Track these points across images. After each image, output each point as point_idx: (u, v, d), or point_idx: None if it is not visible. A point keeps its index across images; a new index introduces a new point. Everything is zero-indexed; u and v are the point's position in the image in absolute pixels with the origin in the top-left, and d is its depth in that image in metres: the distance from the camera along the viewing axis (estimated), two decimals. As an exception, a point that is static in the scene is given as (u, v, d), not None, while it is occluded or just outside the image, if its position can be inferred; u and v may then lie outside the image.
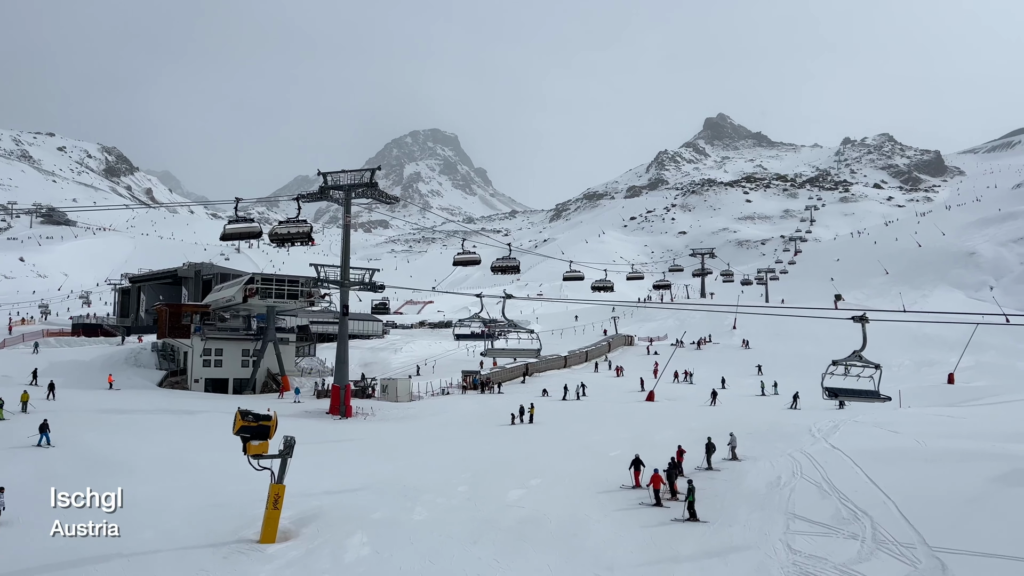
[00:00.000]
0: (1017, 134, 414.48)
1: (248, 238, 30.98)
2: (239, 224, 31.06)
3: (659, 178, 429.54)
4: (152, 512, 18.34)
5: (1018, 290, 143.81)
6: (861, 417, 31.68)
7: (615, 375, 60.94)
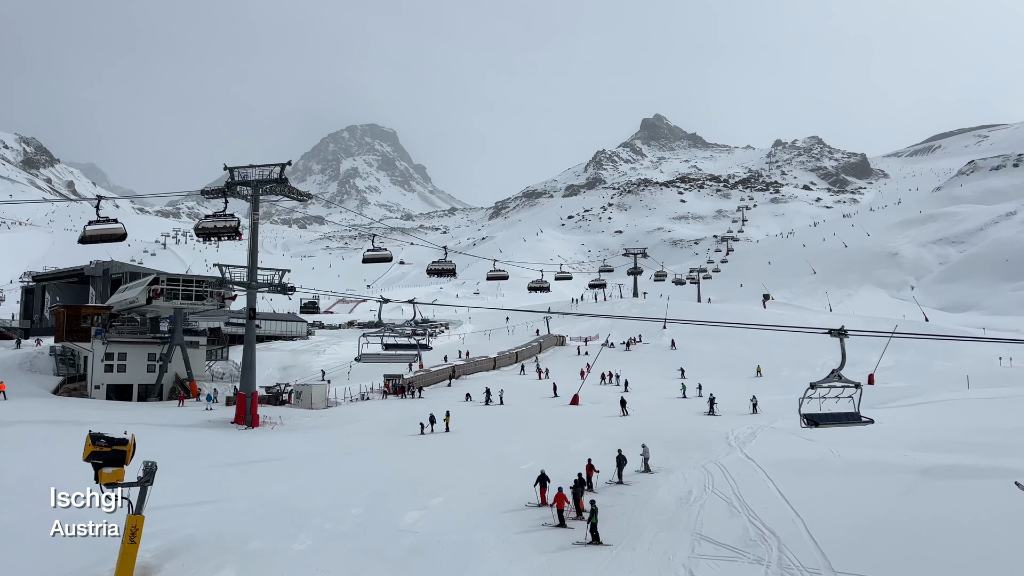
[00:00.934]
0: (937, 139, 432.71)
1: (111, 240, 28.38)
2: (101, 225, 28.25)
3: (597, 177, 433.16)
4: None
5: (937, 290, 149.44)
6: (779, 423, 31.18)
7: (537, 378, 59.45)
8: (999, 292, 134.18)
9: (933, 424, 30.10)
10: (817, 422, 14.89)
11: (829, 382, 14.70)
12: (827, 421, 14.89)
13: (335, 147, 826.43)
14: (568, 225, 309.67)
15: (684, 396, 45.93)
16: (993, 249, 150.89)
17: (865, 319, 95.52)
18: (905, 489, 18.97)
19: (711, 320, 75.18)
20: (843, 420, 15.18)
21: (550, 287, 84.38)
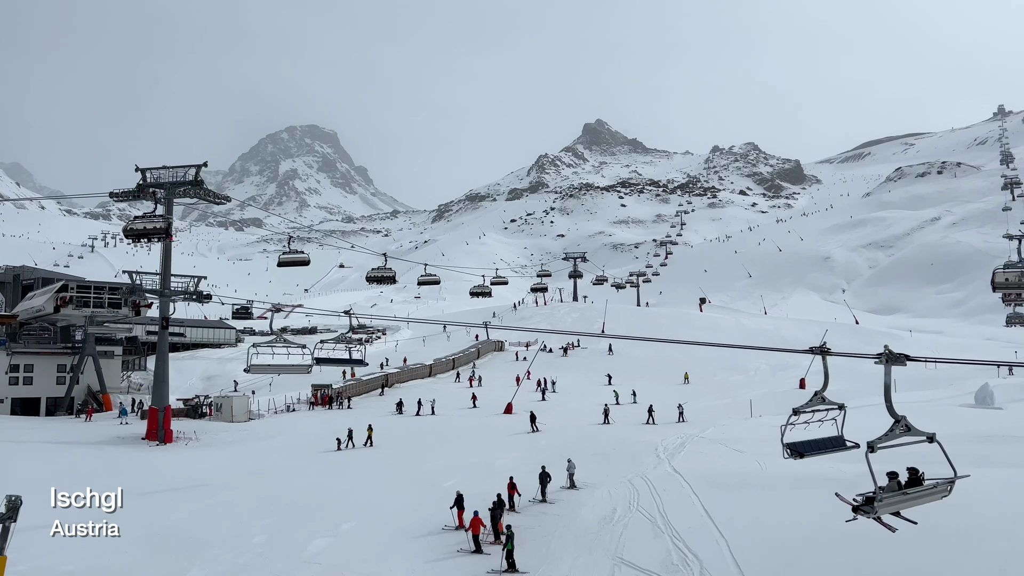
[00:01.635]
0: (867, 146, 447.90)
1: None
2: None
3: (540, 181, 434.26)
4: None
5: (867, 293, 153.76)
6: (709, 432, 30.75)
7: (468, 386, 57.94)
8: (924, 295, 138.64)
9: (860, 433, 29.95)
10: (802, 452, 13.05)
11: (812, 406, 12.87)
12: (812, 450, 13.23)
13: (274, 148, 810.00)
14: (511, 229, 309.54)
15: (617, 403, 45.29)
16: (919, 253, 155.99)
17: (799, 322, 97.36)
18: (832, 504, 18.47)
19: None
20: (828, 447, 13.23)
21: (492, 292, 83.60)
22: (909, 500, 10.48)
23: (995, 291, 41.54)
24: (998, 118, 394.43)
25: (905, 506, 10.69)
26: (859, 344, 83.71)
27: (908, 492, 10.39)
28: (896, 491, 10.51)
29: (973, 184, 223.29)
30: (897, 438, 10.10)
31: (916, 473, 11.42)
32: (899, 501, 10.45)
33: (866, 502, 9.90)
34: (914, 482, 11.02)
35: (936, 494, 10.46)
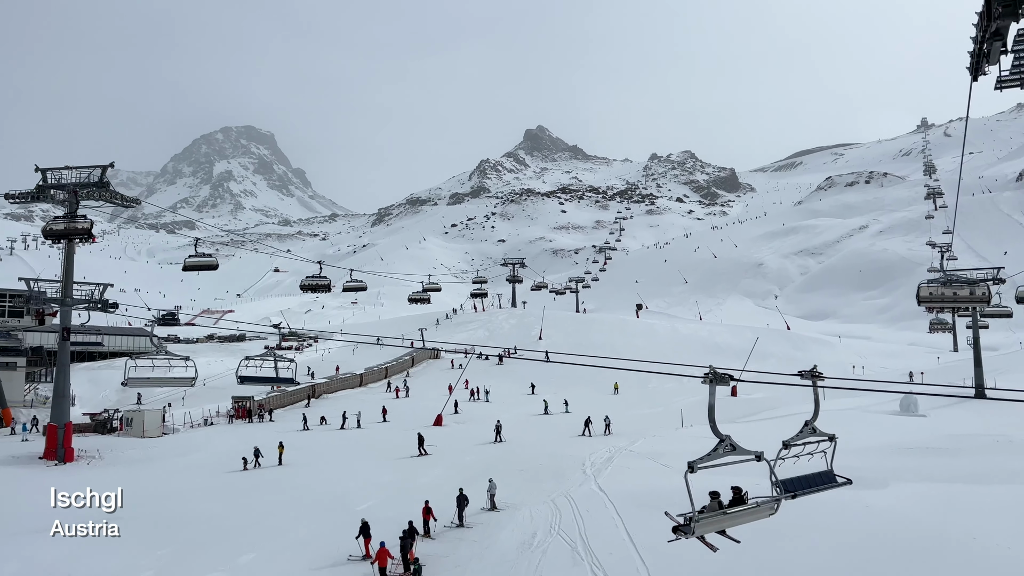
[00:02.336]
0: (800, 155, 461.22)
1: None
2: None
3: (481, 186, 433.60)
4: None
5: (798, 298, 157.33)
6: (638, 445, 30.04)
7: (395, 396, 56.02)
8: (853, 301, 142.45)
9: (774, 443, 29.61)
10: (795, 490, 11.79)
11: (803, 438, 11.70)
12: (805, 487, 11.98)
13: (208, 149, 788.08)
14: (452, 233, 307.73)
15: (546, 412, 44.14)
16: (848, 260, 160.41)
17: (732, 328, 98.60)
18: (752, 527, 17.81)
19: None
20: (820, 484, 11.84)
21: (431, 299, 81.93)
22: (729, 519, 10.11)
23: (920, 304, 42.68)
24: (922, 130, 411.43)
25: (726, 525, 10.33)
26: (790, 349, 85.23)
27: (728, 512, 9.96)
28: (716, 511, 10.17)
29: (898, 194, 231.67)
30: (720, 457, 9.84)
31: (739, 492, 11.31)
32: (718, 521, 10.05)
33: (685, 523, 9.39)
34: (737, 501, 10.76)
35: (760, 513, 10.17)
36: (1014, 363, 71.98)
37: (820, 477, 12.37)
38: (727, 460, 9.84)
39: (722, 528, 10.40)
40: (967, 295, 38.29)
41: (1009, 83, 10.16)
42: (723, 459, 9.78)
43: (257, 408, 47.08)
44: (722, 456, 9.64)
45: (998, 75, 10.12)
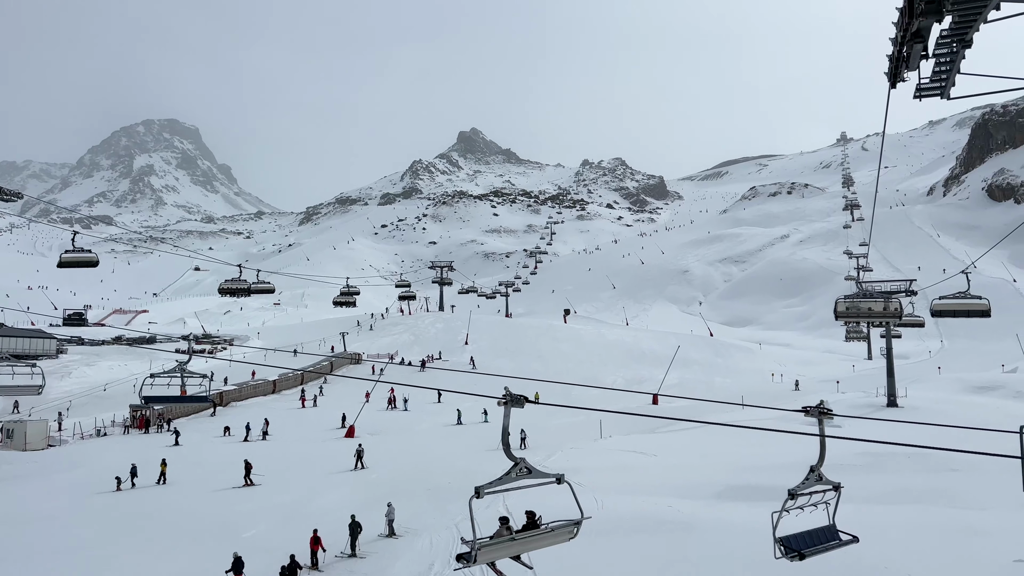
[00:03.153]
0: (725, 165, 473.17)
1: None
2: None
3: (413, 187, 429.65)
4: None
5: (721, 305, 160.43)
6: (552, 460, 28.93)
7: (300, 405, 53.14)
8: (774, 308, 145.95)
9: (702, 462, 29.06)
10: (802, 550, 10.21)
11: (809, 487, 10.01)
12: (811, 545, 10.39)
13: (128, 142, 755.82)
14: (382, 234, 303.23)
15: (459, 422, 42.44)
16: (769, 269, 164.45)
17: (657, 334, 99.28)
18: (663, 563, 16.88)
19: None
20: (826, 541, 10.39)
21: (356, 302, 79.26)
22: (519, 545, 9.30)
23: (837, 319, 44.74)
24: (841, 144, 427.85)
25: (516, 551, 9.53)
26: (712, 356, 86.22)
27: (516, 538, 9.17)
28: (504, 537, 9.42)
29: (818, 204, 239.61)
30: (512, 481, 8.77)
31: (533, 516, 10.94)
32: (505, 547, 9.19)
33: (469, 551, 8.46)
34: (530, 526, 10.14)
35: (558, 537, 9.33)
36: (924, 372, 74.50)
37: (823, 534, 10.74)
38: (521, 484, 8.83)
39: (513, 554, 9.62)
40: (881, 310, 40.39)
41: (929, 91, 9.36)
42: (517, 483, 8.78)
43: (156, 418, 44.13)
44: (515, 480, 8.66)
45: (918, 82, 9.30)
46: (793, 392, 59.11)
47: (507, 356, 79.74)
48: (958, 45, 8.49)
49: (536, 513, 11.00)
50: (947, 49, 8.62)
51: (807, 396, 56.05)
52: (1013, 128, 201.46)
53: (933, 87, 9.22)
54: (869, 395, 55.11)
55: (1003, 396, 53.19)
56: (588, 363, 77.01)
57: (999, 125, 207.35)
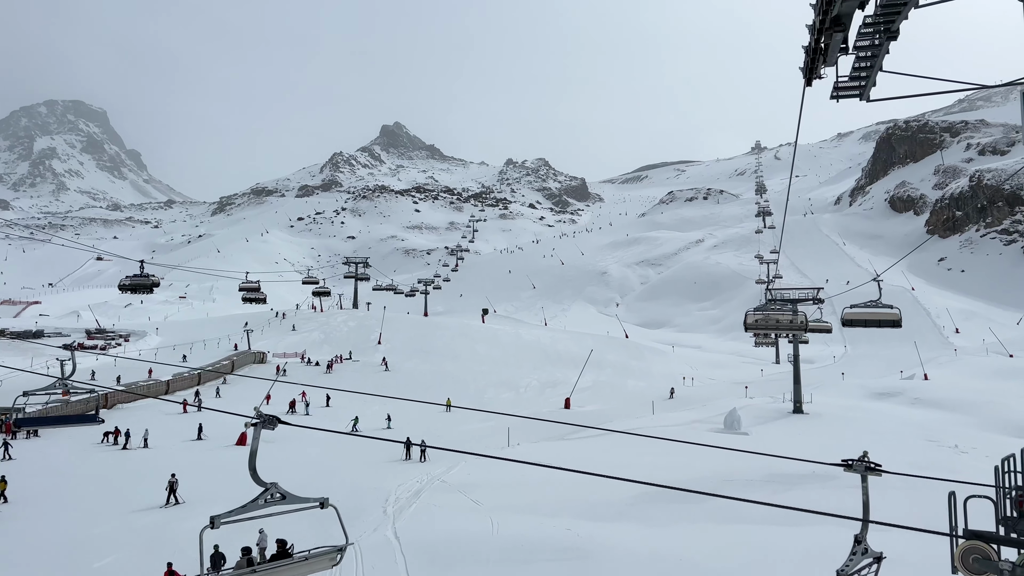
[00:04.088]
0: (645, 169, 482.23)
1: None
2: None
3: (333, 180, 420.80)
4: None
5: (638, 307, 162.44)
6: (453, 473, 27.32)
7: (182, 410, 49.13)
8: (687, 311, 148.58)
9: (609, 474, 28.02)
10: None
11: (857, 564, 8.33)
12: None
13: (29, 122, 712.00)
14: (298, 227, 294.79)
15: (355, 431, 40.29)
16: (685, 272, 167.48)
17: (574, 335, 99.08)
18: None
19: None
20: None
21: (266, 298, 75.53)
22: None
23: (747, 331, 45.56)
24: (755, 152, 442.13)
25: None
26: (626, 358, 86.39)
27: (257, 570, 8.26)
28: (245, 568, 8.70)
29: (732, 211, 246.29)
30: (260, 508, 7.79)
31: (284, 546, 10.54)
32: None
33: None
34: (281, 555, 9.51)
35: (312, 566, 8.46)
36: (828, 377, 76.53)
37: None
38: (273, 511, 7.64)
39: None
40: (788, 322, 42.19)
41: (847, 91, 8.26)
42: (266, 511, 7.73)
43: (22, 422, 40.21)
44: (263, 507, 7.36)
45: (835, 80, 8.18)
46: (668, 401, 58.03)
47: (421, 357, 77.72)
48: (882, 36, 7.40)
49: (287, 542, 10.52)
50: (870, 41, 7.52)
51: (720, 401, 56.25)
52: (914, 143, 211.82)
53: (852, 87, 8.13)
54: (776, 400, 55.85)
55: (902, 402, 54.76)
56: (504, 364, 75.79)
57: (901, 139, 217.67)
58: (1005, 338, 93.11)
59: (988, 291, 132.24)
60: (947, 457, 30.09)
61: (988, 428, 44.12)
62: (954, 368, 72.97)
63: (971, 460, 30.44)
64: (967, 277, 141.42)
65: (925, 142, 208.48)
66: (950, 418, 47.97)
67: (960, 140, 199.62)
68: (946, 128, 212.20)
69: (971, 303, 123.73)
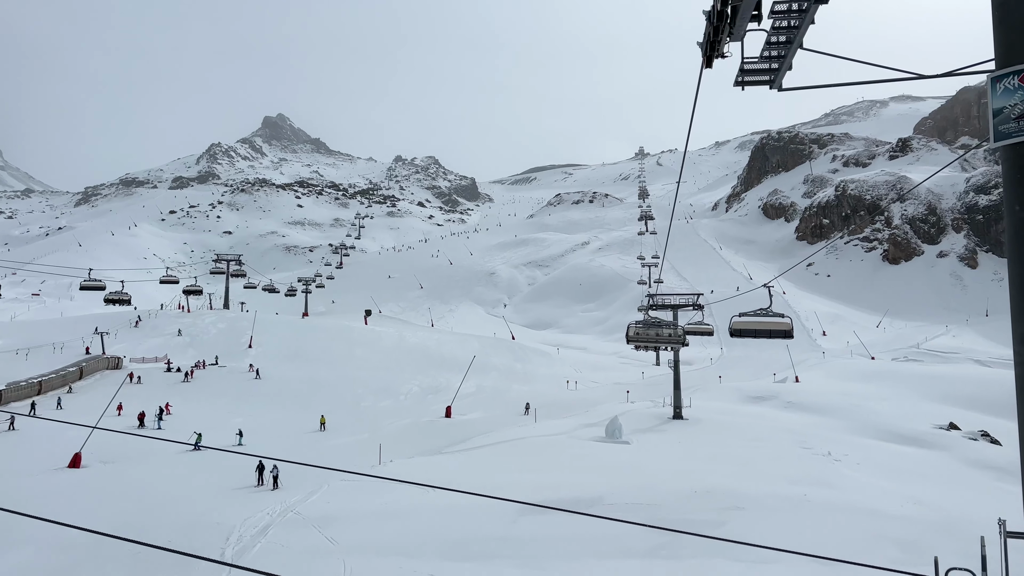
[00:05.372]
0: (534, 171, 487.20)
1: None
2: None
3: (210, 172, 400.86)
4: None
5: (525, 308, 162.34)
6: (311, 502, 24.40)
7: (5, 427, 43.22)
8: (573, 312, 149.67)
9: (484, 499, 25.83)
10: None
11: None
12: None
13: None
14: (170, 221, 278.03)
15: (197, 447, 36.09)
16: (570, 273, 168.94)
17: (460, 337, 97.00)
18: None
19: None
20: None
21: (130, 299, 68.94)
22: None
23: (629, 343, 46.05)
24: (638, 158, 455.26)
25: None
26: (512, 361, 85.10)
27: None
28: None
29: (616, 214, 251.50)
30: None
31: None
32: None
33: None
34: None
35: None
36: (706, 379, 77.85)
37: None
38: None
39: None
40: (667, 336, 44.30)
41: (756, 77, 6.55)
42: None
43: None
44: None
45: (741, 61, 6.42)
46: (523, 416, 51.96)
47: (295, 362, 73.44)
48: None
49: None
50: (789, 5, 5.81)
51: (602, 406, 55.48)
52: (785, 153, 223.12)
53: (761, 73, 6.43)
54: (657, 404, 55.77)
55: (776, 406, 55.83)
56: (384, 369, 72.66)
57: (774, 149, 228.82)
58: (867, 340, 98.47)
59: (851, 295, 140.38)
60: (822, 468, 29.97)
61: (856, 432, 45.26)
62: (823, 370, 75.86)
63: (846, 470, 30.50)
64: (832, 282, 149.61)
65: (796, 152, 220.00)
66: (821, 422, 49.09)
67: (827, 152, 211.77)
68: (814, 140, 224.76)
69: (836, 306, 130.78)
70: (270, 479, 26.81)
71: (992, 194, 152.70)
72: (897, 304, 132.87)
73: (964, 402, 56.76)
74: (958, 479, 32.68)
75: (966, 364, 78.58)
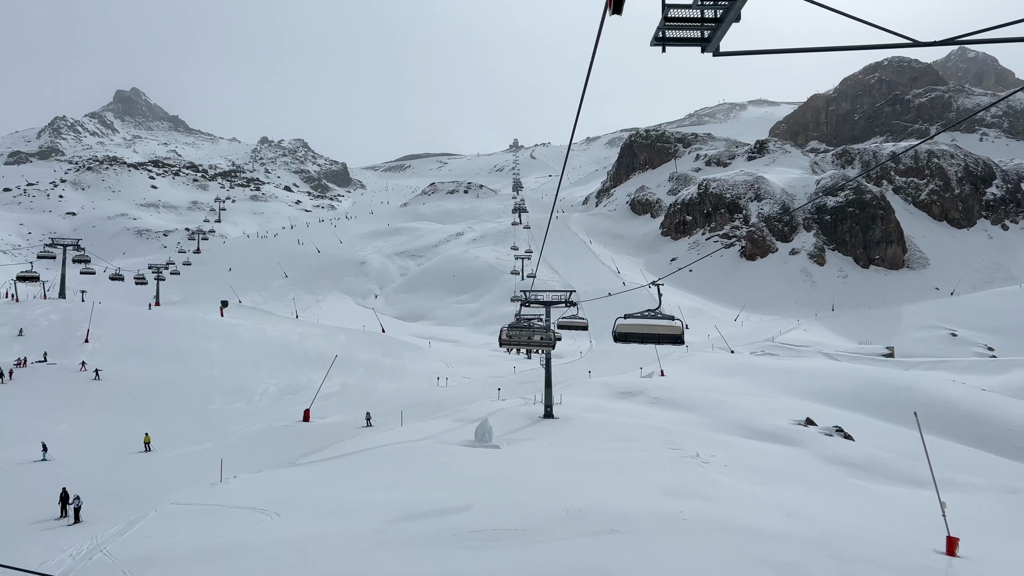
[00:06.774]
0: (409, 159, 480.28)
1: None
2: None
3: (53, 147, 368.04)
4: None
5: (397, 299, 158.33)
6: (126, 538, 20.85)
7: None
8: (446, 304, 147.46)
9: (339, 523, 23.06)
10: None
11: None
12: None
13: None
14: (4, 199, 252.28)
15: (45, 459, 31.63)
16: (444, 264, 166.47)
17: (327, 330, 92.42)
18: None
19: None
20: None
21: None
22: None
23: (501, 347, 45.70)
24: (513, 151, 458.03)
25: None
26: (381, 356, 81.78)
27: None
28: None
29: (491, 205, 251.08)
30: None
31: None
32: None
33: None
34: None
35: None
36: (576, 374, 77.75)
37: None
38: None
39: None
40: (539, 340, 43.03)
41: (682, 34, 4.53)
42: None
43: None
44: None
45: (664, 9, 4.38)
46: (365, 428, 46.27)
47: (139, 358, 66.75)
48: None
49: None
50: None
51: (473, 404, 53.62)
52: (653, 151, 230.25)
53: (693, 23, 4.46)
54: (528, 402, 54.54)
55: (643, 402, 55.94)
56: (240, 366, 67.54)
57: (642, 147, 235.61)
58: (726, 333, 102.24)
59: (711, 290, 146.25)
60: (693, 475, 29.30)
61: (720, 429, 45.67)
62: (686, 364, 77.55)
63: (715, 474, 29.99)
64: (694, 276, 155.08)
65: (662, 150, 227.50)
66: (687, 418, 49.36)
67: (691, 151, 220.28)
68: (680, 139, 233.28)
69: (698, 300, 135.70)
70: (71, 511, 22.69)
71: (839, 196, 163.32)
72: (754, 299, 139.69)
73: (817, 396, 59.18)
74: (818, 478, 33.08)
75: (816, 358, 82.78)
